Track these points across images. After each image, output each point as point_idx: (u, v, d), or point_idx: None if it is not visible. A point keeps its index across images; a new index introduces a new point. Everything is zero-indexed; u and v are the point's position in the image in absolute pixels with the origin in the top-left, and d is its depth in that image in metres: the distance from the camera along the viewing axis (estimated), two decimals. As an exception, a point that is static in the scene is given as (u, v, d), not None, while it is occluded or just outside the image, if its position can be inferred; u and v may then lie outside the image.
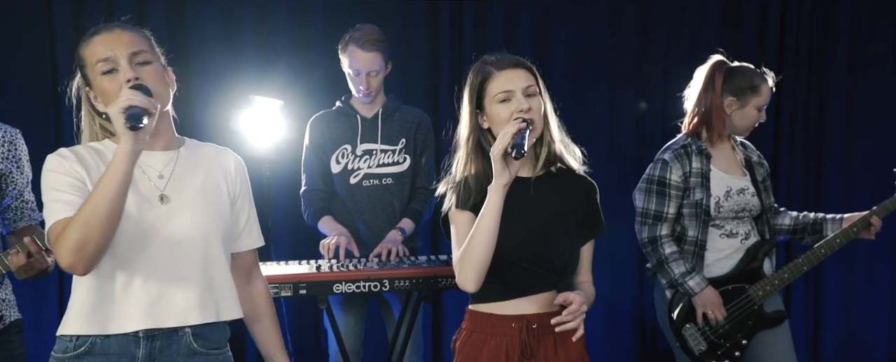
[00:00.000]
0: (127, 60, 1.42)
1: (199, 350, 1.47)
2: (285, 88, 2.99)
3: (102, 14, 3.03)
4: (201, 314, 1.46)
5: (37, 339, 2.93)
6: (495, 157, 1.53)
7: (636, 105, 3.54)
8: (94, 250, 1.34)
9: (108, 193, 1.32)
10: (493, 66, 1.65)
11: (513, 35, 3.40)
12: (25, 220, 1.94)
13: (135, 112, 1.32)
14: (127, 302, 1.42)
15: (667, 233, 2.32)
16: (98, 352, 1.42)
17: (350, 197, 2.52)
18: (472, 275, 1.57)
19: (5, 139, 1.91)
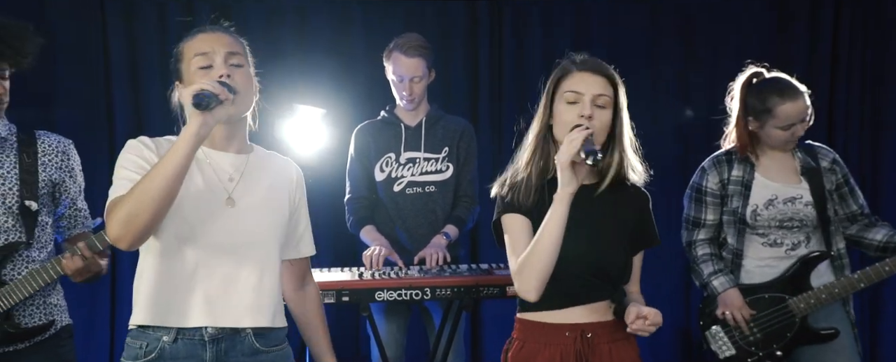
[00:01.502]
0: (223, 58, 1.48)
1: (262, 348, 1.51)
2: (327, 96, 3.04)
3: (155, 30, 3.14)
4: (255, 318, 1.50)
5: (87, 344, 3.02)
6: (563, 164, 1.51)
7: (680, 113, 3.47)
8: (142, 226, 1.35)
9: (165, 171, 1.34)
10: (574, 64, 1.63)
11: (551, 38, 3.37)
12: (79, 228, 2.00)
13: (205, 93, 1.35)
14: (189, 299, 1.45)
15: (703, 238, 2.32)
16: (167, 358, 1.45)
17: (393, 204, 2.54)
18: (534, 284, 1.55)
19: (59, 149, 1.97)
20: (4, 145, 1.90)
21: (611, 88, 1.62)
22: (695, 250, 2.33)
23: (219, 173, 1.52)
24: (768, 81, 2.25)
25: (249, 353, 1.49)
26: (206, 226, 1.46)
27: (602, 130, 1.60)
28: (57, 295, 1.99)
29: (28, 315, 1.89)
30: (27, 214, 1.88)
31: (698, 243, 2.32)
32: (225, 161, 1.54)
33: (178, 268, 1.46)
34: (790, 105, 2.18)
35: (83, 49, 3.10)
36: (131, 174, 1.43)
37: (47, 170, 1.93)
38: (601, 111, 1.60)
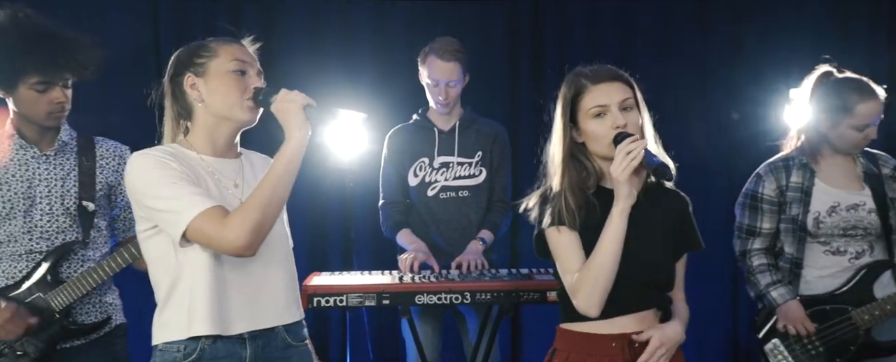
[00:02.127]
0: (256, 72, 1.59)
1: (292, 343, 1.58)
2: (368, 101, 3.06)
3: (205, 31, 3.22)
4: (289, 314, 1.57)
5: (140, 343, 3.10)
6: (622, 178, 1.48)
7: (727, 113, 3.39)
8: (266, 234, 1.44)
9: (285, 179, 1.44)
10: (587, 78, 1.59)
11: (595, 38, 3.34)
12: (133, 230, 2.06)
13: (319, 110, 1.46)
14: (230, 307, 1.48)
15: (759, 247, 2.24)
16: (208, 358, 1.47)
17: (427, 209, 2.55)
18: (596, 300, 1.52)
19: (115, 154, 2.06)
20: (65, 149, 1.99)
21: (629, 89, 1.60)
22: (750, 260, 2.25)
23: (223, 181, 1.54)
24: (846, 79, 2.17)
25: (282, 347, 1.55)
26: None
27: (637, 131, 1.58)
28: (112, 294, 2.06)
29: (85, 312, 1.97)
30: (84, 215, 1.96)
31: (754, 253, 2.25)
32: (226, 167, 1.57)
33: (222, 278, 1.47)
34: (870, 104, 2.10)
35: (137, 57, 3.21)
36: (195, 188, 1.43)
37: (104, 173, 2.02)
38: (630, 113, 1.58)
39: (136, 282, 3.04)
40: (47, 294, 1.91)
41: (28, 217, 1.91)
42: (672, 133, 3.22)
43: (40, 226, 1.92)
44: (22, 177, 1.92)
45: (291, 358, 1.57)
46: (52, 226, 1.93)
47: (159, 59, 3.22)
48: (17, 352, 1.88)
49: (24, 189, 1.92)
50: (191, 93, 1.56)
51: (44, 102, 1.90)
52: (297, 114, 1.45)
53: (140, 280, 3.12)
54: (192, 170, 1.49)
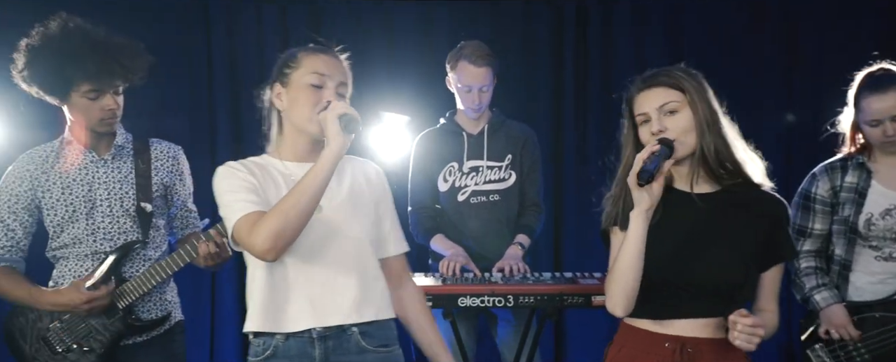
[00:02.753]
0: (335, 85, 1.59)
1: (368, 347, 1.56)
2: (411, 103, 3.09)
3: (254, 41, 3.31)
4: (360, 313, 1.55)
5: (192, 339, 3.21)
6: (630, 184, 1.49)
7: (782, 117, 3.31)
8: (289, 239, 1.46)
9: (310, 188, 1.46)
10: (634, 85, 1.61)
11: (642, 39, 3.29)
12: (190, 228, 2.15)
13: (353, 119, 1.46)
14: (295, 304, 1.53)
15: (809, 250, 2.19)
16: (281, 355, 1.54)
17: (458, 214, 2.53)
18: (619, 301, 1.54)
19: (170, 155, 2.13)
20: (122, 152, 2.07)
21: (676, 92, 1.57)
22: (798, 262, 2.20)
23: None
24: (867, 74, 2.12)
25: (356, 351, 1.55)
26: (301, 236, 1.51)
27: (684, 132, 1.55)
28: (172, 291, 2.14)
29: (147, 310, 2.05)
30: (143, 216, 2.03)
31: (803, 255, 2.20)
32: (303, 171, 1.57)
33: (279, 277, 1.54)
34: (876, 99, 2.03)
35: (189, 62, 3.30)
36: (247, 195, 1.51)
37: (160, 174, 2.09)
38: (673, 117, 1.55)
39: (191, 280, 3.17)
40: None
41: (90, 219, 2.00)
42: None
43: (102, 227, 2.00)
44: (83, 181, 2.01)
45: None
46: (114, 228, 2.01)
47: (210, 63, 3.31)
48: (83, 348, 1.97)
49: (84, 192, 2.00)
50: (276, 101, 1.63)
51: (96, 109, 1.97)
52: (332, 124, 1.47)
53: (196, 278, 3.24)
54: (268, 177, 1.57)
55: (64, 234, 2.00)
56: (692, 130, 1.55)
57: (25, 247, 2.03)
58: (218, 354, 3.30)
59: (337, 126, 1.46)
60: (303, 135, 1.61)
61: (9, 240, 1.99)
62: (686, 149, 1.55)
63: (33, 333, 1.97)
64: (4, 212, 1.98)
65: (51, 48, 1.92)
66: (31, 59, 1.93)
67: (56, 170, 2.00)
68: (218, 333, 3.30)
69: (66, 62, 1.91)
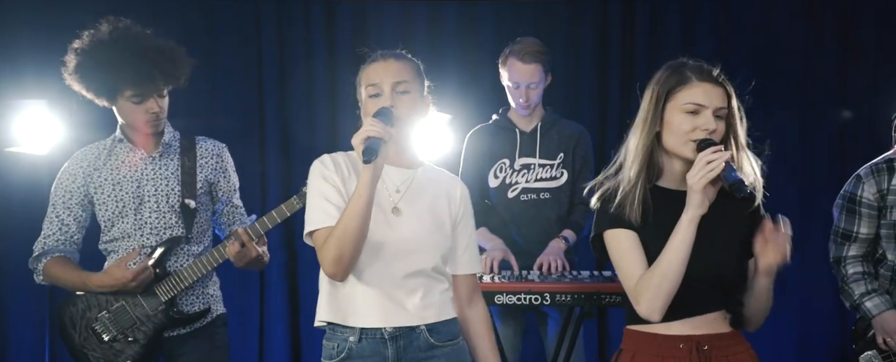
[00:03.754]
0: (390, 87, 1.59)
1: (436, 343, 1.59)
2: (453, 102, 3.09)
3: (302, 43, 3.39)
4: (423, 315, 1.58)
5: (241, 332, 3.31)
6: (697, 187, 1.45)
7: (836, 116, 3.16)
8: (349, 262, 1.52)
9: (356, 215, 1.49)
10: (693, 73, 1.54)
11: (690, 38, 3.21)
12: (237, 224, 2.20)
13: (370, 145, 1.46)
14: (362, 302, 1.56)
15: (855, 254, 2.10)
16: (356, 356, 1.58)
17: (507, 211, 2.53)
18: (659, 305, 1.50)
19: (214, 152, 2.20)
20: (169, 150, 2.15)
21: (727, 99, 1.55)
22: (845, 268, 2.12)
23: (388, 185, 1.62)
24: None
25: (425, 348, 1.58)
26: (375, 233, 1.56)
27: (720, 139, 1.54)
28: (214, 286, 2.21)
29: (189, 303, 2.12)
30: (187, 212, 2.11)
31: (849, 260, 2.11)
32: (395, 174, 1.63)
33: (353, 273, 1.57)
34: None
35: (239, 62, 3.39)
36: (325, 205, 1.57)
37: (204, 171, 2.16)
38: (719, 123, 1.53)
39: (240, 274, 3.27)
40: (155, 285, 2.07)
41: (138, 215, 2.08)
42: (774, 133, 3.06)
43: (149, 223, 2.09)
44: (132, 178, 2.10)
45: (438, 358, 1.59)
46: (160, 223, 2.09)
47: (260, 62, 3.39)
48: (128, 338, 2.05)
49: (133, 189, 2.09)
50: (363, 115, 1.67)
51: (140, 112, 2.05)
52: (357, 153, 1.49)
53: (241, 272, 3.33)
54: (355, 175, 1.60)
55: (114, 229, 2.09)
56: (725, 138, 1.55)
57: (79, 240, 2.13)
58: (268, 347, 3.39)
59: (359, 154, 1.48)
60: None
61: (63, 234, 2.09)
62: (727, 156, 1.51)
63: (83, 322, 2.07)
64: (60, 208, 2.09)
65: (96, 54, 2.01)
66: (79, 63, 2.03)
67: (108, 167, 2.10)
68: (267, 327, 3.39)
69: (109, 69, 1.99)
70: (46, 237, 2.09)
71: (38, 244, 2.10)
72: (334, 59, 3.35)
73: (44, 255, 2.08)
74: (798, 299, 3.17)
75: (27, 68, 3.11)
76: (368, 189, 1.49)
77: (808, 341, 3.20)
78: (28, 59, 3.13)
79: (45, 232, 2.10)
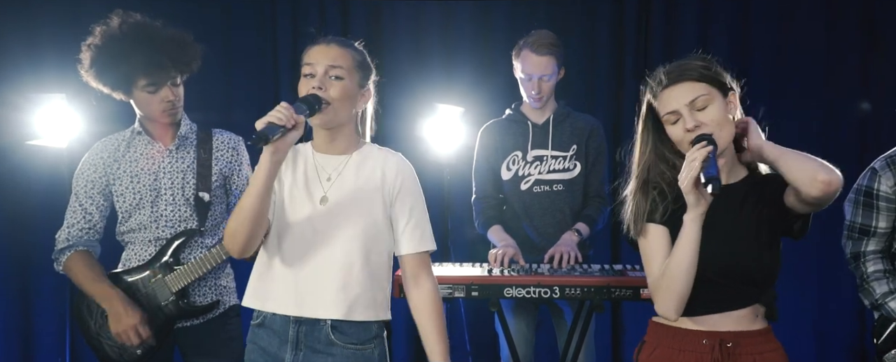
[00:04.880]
0: (323, 70, 1.60)
1: (337, 342, 1.60)
2: (466, 95, 3.10)
3: (317, 33, 3.40)
4: (333, 310, 1.59)
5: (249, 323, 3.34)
6: (687, 188, 1.46)
7: (858, 110, 3.11)
8: (243, 240, 1.56)
9: (248, 196, 1.54)
10: (659, 83, 1.56)
11: (707, 32, 3.17)
12: None
13: (264, 130, 1.47)
14: (281, 288, 1.61)
15: (874, 250, 2.04)
16: (267, 326, 1.65)
17: (520, 203, 2.53)
18: (672, 305, 1.52)
19: (230, 145, 2.22)
20: (185, 142, 2.17)
21: (703, 84, 1.52)
22: (865, 266, 2.05)
23: (320, 174, 1.64)
24: None
25: (325, 343, 1.60)
26: (300, 222, 1.60)
27: (720, 125, 1.51)
28: (227, 277, 2.23)
29: (201, 294, 2.15)
30: (201, 205, 2.13)
31: (869, 257, 2.04)
32: (327, 162, 1.65)
33: (276, 260, 1.62)
34: None
35: (255, 57, 3.42)
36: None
37: (219, 164, 2.18)
38: (705, 111, 1.51)
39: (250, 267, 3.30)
40: (167, 276, 2.10)
41: (154, 207, 2.11)
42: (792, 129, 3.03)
43: (165, 215, 2.12)
44: (149, 170, 2.13)
45: (335, 357, 1.59)
46: (175, 215, 2.12)
47: (276, 57, 3.42)
48: (134, 344, 2.08)
49: (150, 181, 2.12)
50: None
51: (156, 102, 2.08)
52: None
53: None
54: (294, 163, 1.64)
55: (131, 219, 2.12)
56: (726, 121, 1.53)
57: (101, 229, 2.16)
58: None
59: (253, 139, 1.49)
60: (316, 129, 1.67)
61: (87, 223, 2.12)
62: (723, 142, 1.52)
63: (98, 311, 2.10)
64: (82, 197, 2.12)
65: (109, 47, 2.04)
66: (94, 59, 2.06)
67: (126, 159, 2.13)
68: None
69: (122, 60, 2.02)
70: (71, 226, 2.12)
71: (61, 233, 2.12)
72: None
73: (68, 249, 2.11)
74: (816, 296, 3.13)
75: (47, 63, 3.17)
76: (261, 172, 1.51)
77: (826, 339, 3.16)
78: (48, 54, 3.18)
79: (69, 221, 2.13)
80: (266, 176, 1.52)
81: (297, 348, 1.61)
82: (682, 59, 1.58)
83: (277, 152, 1.51)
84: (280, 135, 1.49)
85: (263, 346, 1.64)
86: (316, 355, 1.60)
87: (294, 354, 1.61)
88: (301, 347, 1.61)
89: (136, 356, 2.07)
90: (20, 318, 3.33)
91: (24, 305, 3.34)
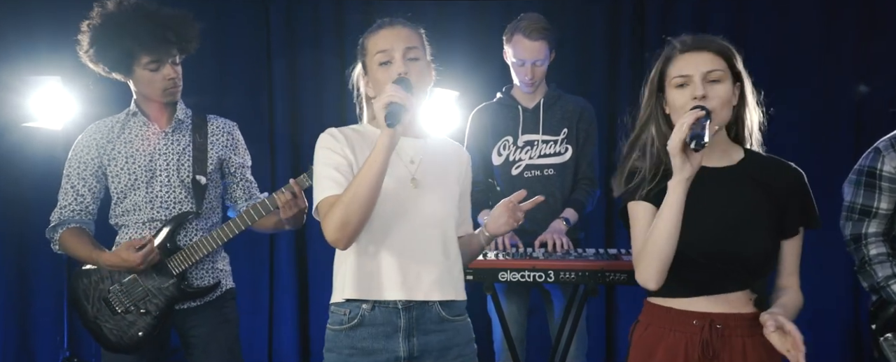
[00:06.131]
0: (401, 54, 1.57)
1: (448, 317, 1.62)
2: (461, 79, 3.09)
3: (311, 25, 3.39)
4: (442, 291, 1.60)
5: (252, 305, 3.37)
6: (673, 151, 1.44)
7: (853, 89, 3.11)
8: (354, 229, 1.51)
9: (368, 180, 1.48)
10: (677, 46, 1.56)
11: (703, 20, 3.17)
12: (253, 199, 2.23)
13: (393, 109, 1.45)
14: (385, 276, 1.57)
15: (875, 232, 2.03)
16: (368, 323, 1.58)
17: (511, 188, 2.46)
18: (652, 274, 1.50)
19: (225, 130, 2.23)
20: (181, 127, 2.17)
21: (722, 61, 1.53)
22: (867, 248, 2.03)
23: (402, 156, 1.62)
24: None
25: (437, 321, 1.60)
26: (395, 206, 1.57)
27: (723, 105, 1.52)
28: (223, 261, 2.24)
29: (199, 277, 2.16)
30: (197, 188, 2.14)
31: (870, 239, 2.03)
32: (408, 144, 1.63)
33: (372, 247, 1.58)
34: None
35: (248, 44, 3.41)
36: (334, 173, 1.56)
37: (215, 148, 2.19)
38: (716, 86, 1.51)
39: (250, 250, 3.32)
40: (166, 258, 2.11)
41: (149, 188, 2.12)
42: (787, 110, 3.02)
43: (160, 196, 2.12)
44: (144, 151, 2.13)
45: (447, 331, 1.61)
46: (170, 197, 2.13)
47: (268, 42, 3.40)
48: (140, 310, 2.10)
49: (146, 162, 2.12)
50: (366, 90, 1.67)
51: (158, 80, 2.08)
52: (380, 116, 1.48)
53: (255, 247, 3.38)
54: (366, 147, 1.59)
55: (126, 201, 2.13)
56: (729, 104, 1.53)
57: (94, 211, 2.16)
58: (277, 321, 3.45)
59: (382, 118, 1.45)
60: None
61: (78, 205, 2.13)
62: (719, 121, 1.51)
63: (95, 294, 2.11)
64: (75, 179, 2.13)
65: (110, 25, 2.03)
66: (93, 39, 2.05)
67: (121, 140, 2.13)
68: (277, 300, 3.44)
69: (125, 36, 2.02)
70: (63, 208, 2.13)
71: (54, 214, 2.14)
72: (343, 38, 3.36)
73: (61, 226, 2.12)
74: (811, 277, 3.15)
75: (42, 45, 3.16)
76: (384, 154, 1.47)
77: (820, 319, 3.19)
78: (43, 36, 3.17)
79: (61, 202, 2.13)
80: (385, 159, 1.47)
81: (410, 334, 1.58)
82: (709, 34, 1.57)
83: (396, 134, 1.48)
84: (404, 116, 1.46)
85: (365, 346, 1.58)
86: (429, 336, 1.60)
87: (408, 342, 1.58)
88: (413, 333, 1.59)
89: (136, 338, 2.09)
90: (17, 300, 3.35)
91: (22, 287, 3.35)
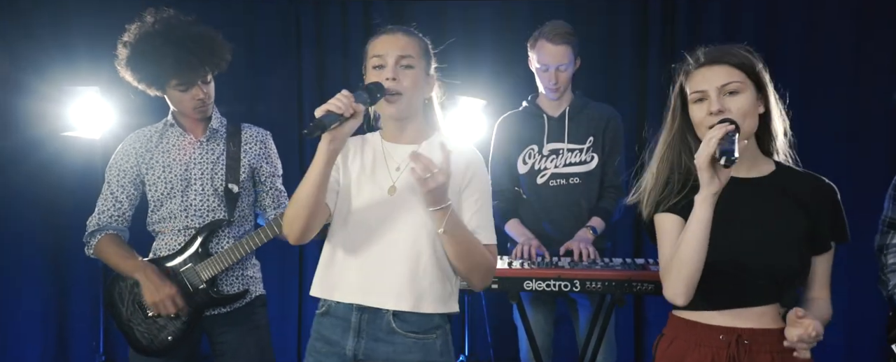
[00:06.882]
0: (395, 61, 1.59)
1: (398, 331, 1.58)
2: (488, 87, 3.10)
3: (339, 34, 3.44)
4: (397, 301, 1.57)
5: (281, 311, 3.42)
6: (701, 165, 1.43)
7: (890, 99, 3.04)
8: (300, 228, 1.56)
9: (304, 185, 1.53)
10: (692, 62, 1.55)
11: (734, 26, 3.13)
12: (282, 208, 2.26)
13: (322, 119, 1.45)
14: (347, 277, 1.60)
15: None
16: (331, 314, 1.64)
17: (537, 197, 2.52)
18: (681, 289, 1.48)
19: (258, 139, 2.27)
20: (216, 136, 2.22)
21: (739, 72, 1.51)
22: (885, 257, 2.03)
23: (389, 163, 1.63)
24: None
25: (386, 331, 1.58)
26: (367, 211, 1.58)
27: (744, 116, 1.50)
28: (253, 268, 2.28)
29: (229, 284, 2.20)
30: (229, 196, 2.18)
31: (891, 249, 2.02)
32: (395, 151, 1.63)
33: (342, 250, 1.61)
34: None
35: (281, 55, 3.47)
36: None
37: (248, 156, 2.23)
38: (734, 98, 1.50)
39: (279, 256, 3.36)
40: (197, 265, 2.15)
41: (184, 197, 2.17)
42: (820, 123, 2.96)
43: (195, 205, 2.17)
44: (180, 161, 2.18)
45: (396, 345, 1.58)
46: (204, 205, 2.17)
47: (299, 53, 3.47)
48: (171, 315, 2.15)
49: (181, 172, 2.18)
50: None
51: (187, 99, 2.14)
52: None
53: (284, 254, 3.43)
54: (363, 152, 1.64)
55: (162, 209, 2.18)
56: (752, 114, 1.51)
57: (129, 217, 2.22)
58: (306, 327, 3.48)
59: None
60: (385, 118, 1.67)
61: (116, 211, 2.19)
62: (744, 133, 1.50)
63: (130, 298, 2.17)
64: (115, 185, 2.19)
65: (142, 47, 2.10)
66: (129, 56, 2.12)
67: (159, 150, 2.19)
68: (306, 307, 3.48)
69: (153, 61, 2.08)
70: (101, 213, 2.19)
71: (92, 219, 2.19)
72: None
73: (98, 232, 2.18)
74: (847, 292, 3.09)
75: (81, 56, 3.26)
76: (319, 160, 1.49)
77: (855, 334, 3.12)
78: (81, 48, 3.27)
79: (100, 208, 2.19)
80: (323, 164, 1.50)
81: (359, 336, 1.59)
82: (727, 45, 1.56)
83: (334, 141, 1.48)
84: (338, 124, 1.46)
85: (326, 335, 1.63)
86: (377, 343, 1.59)
87: (356, 342, 1.59)
88: (363, 335, 1.59)
89: (166, 342, 2.13)
90: (55, 304, 3.45)
91: (60, 292, 3.45)
